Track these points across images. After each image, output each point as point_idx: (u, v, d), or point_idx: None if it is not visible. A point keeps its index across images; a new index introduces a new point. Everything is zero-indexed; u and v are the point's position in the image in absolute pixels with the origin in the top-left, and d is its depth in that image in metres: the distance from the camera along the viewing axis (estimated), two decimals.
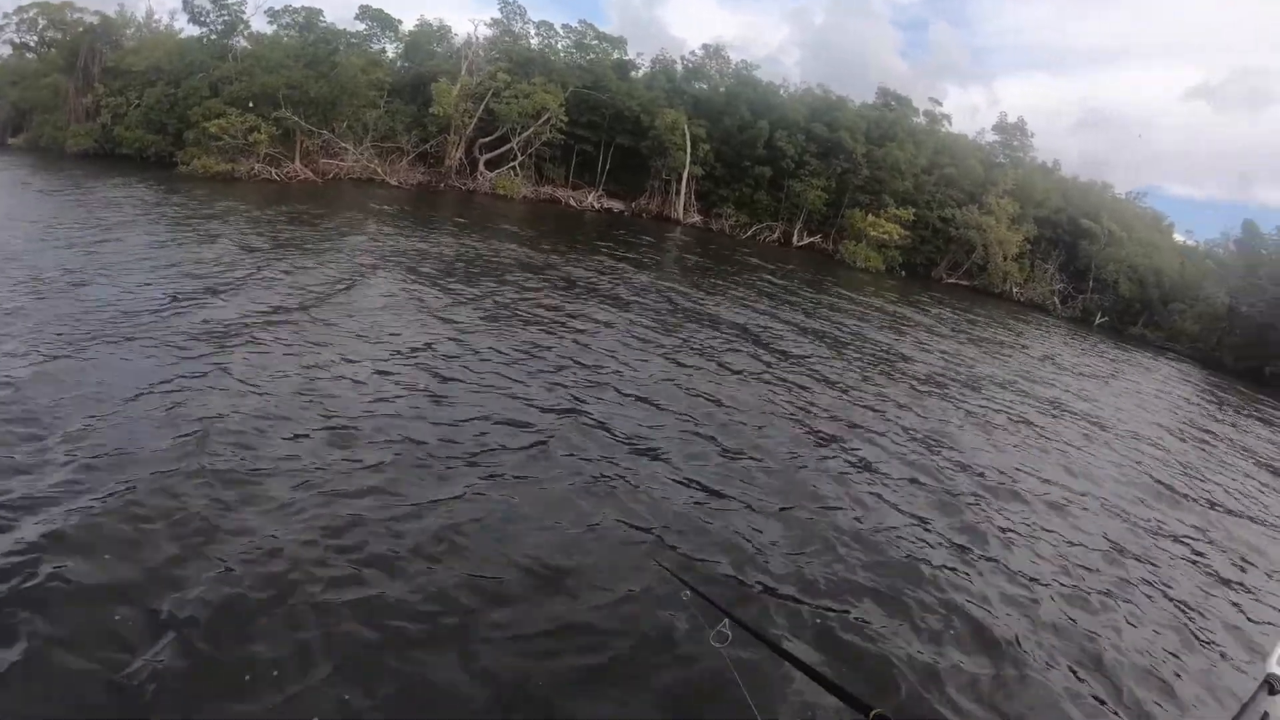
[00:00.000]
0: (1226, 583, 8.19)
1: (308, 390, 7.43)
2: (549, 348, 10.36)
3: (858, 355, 14.77)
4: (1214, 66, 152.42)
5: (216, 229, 15.48)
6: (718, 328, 14.15)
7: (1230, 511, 11.14)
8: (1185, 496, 11.23)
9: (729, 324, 14.71)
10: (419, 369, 8.60)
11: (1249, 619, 7.33)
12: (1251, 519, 11.08)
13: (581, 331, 11.65)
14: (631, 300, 14.88)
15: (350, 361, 8.45)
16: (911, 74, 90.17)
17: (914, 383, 13.53)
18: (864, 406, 11.06)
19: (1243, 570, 8.70)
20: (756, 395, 10.29)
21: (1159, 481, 11.62)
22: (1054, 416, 14.30)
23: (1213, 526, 10.03)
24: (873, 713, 1.64)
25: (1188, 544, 8.97)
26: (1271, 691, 1.44)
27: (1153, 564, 8.05)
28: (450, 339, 10.02)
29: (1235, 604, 7.65)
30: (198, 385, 7.10)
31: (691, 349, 12.10)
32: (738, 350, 12.64)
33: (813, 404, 10.55)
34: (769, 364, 12.17)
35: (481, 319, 11.29)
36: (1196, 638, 6.69)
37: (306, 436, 6.38)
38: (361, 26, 32.89)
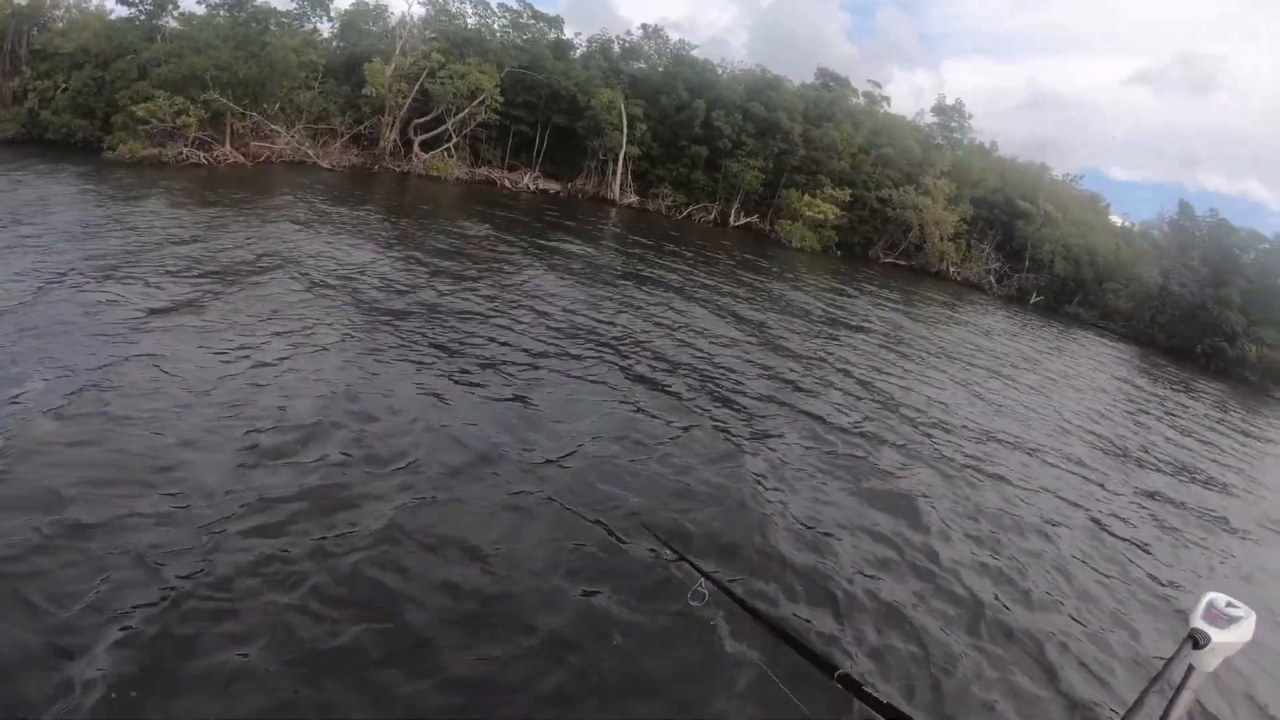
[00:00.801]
0: (1156, 542, 9.58)
1: (215, 386, 7.56)
2: (485, 337, 11.08)
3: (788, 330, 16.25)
4: (1156, 53, 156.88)
5: (129, 215, 16.14)
6: (645, 307, 15.39)
7: (1160, 474, 13.08)
8: (1119, 460, 13.16)
9: (657, 303, 15.93)
10: (341, 362, 8.85)
11: (1177, 576, 8.57)
12: (1180, 482, 12.96)
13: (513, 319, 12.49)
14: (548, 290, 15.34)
15: (264, 358, 8.51)
16: (859, 57, 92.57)
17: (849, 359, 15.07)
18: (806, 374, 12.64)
19: (1171, 530, 10.23)
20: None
21: (1097, 448, 13.52)
22: (991, 388, 16.24)
23: (1144, 491, 11.75)
24: (838, 673, 1.69)
25: (1118, 508, 10.47)
26: (1196, 646, 1.50)
27: (1091, 527, 9.37)
28: (366, 331, 10.21)
29: (1168, 562, 8.99)
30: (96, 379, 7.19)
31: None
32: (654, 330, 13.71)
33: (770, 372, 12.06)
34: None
35: (389, 312, 11.48)
36: (1131, 596, 7.66)
37: (214, 436, 6.52)
38: (293, 5, 33.33)
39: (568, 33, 39.38)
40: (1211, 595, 1.58)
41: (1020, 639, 6.20)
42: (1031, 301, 43.44)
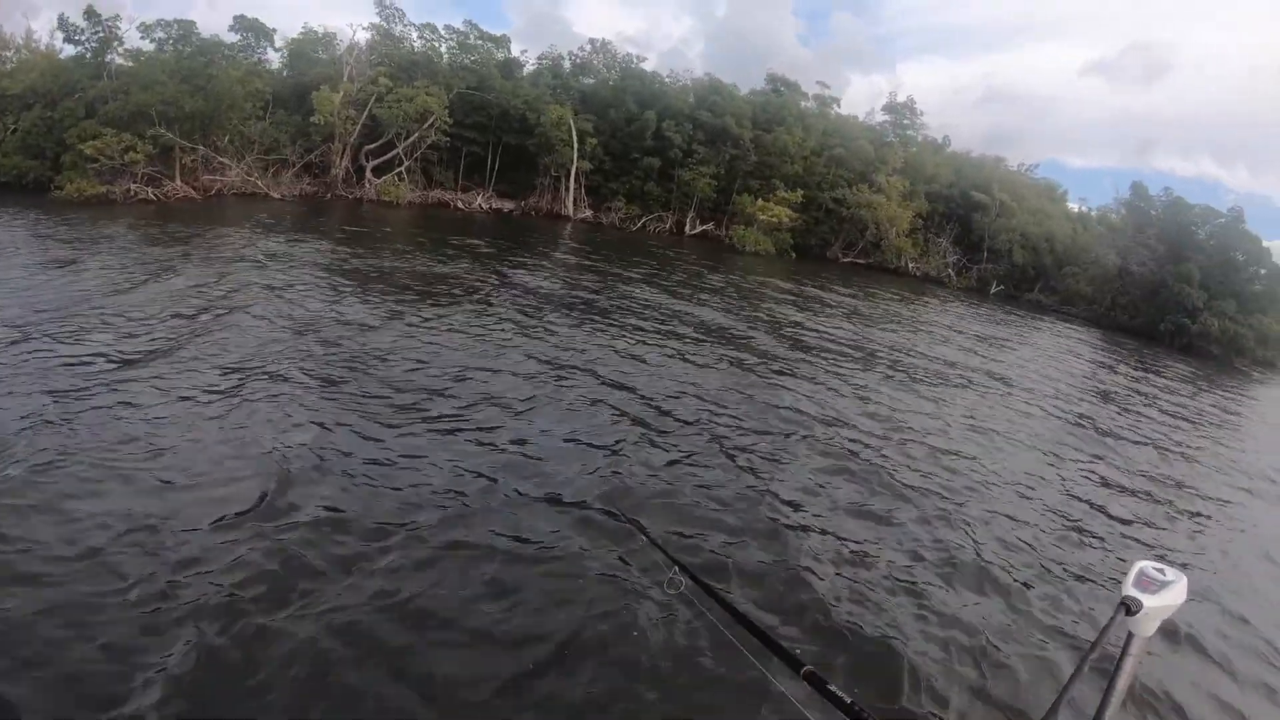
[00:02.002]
0: (1122, 514, 10.41)
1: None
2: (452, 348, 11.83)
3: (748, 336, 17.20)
4: (1108, 43, 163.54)
5: (69, 260, 16.00)
6: (596, 317, 16.12)
7: (1124, 448, 14.28)
8: (1082, 437, 14.45)
9: (601, 315, 16.56)
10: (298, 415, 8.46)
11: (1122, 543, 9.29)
12: (1142, 454, 14.21)
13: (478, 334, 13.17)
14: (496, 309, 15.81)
15: (220, 411, 8.28)
16: (814, 62, 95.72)
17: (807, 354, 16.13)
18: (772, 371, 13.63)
19: (1135, 501, 11.18)
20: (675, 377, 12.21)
21: (1065, 424, 14.98)
22: (958, 374, 17.68)
23: (1106, 464, 12.82)
24: (804, 669, 1.74)
25: (1080, 483, 11.39)
26: (1129, 613, 1.55)
27: (1049, 498, 10.26)
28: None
29: (1114, 532, 9.72)
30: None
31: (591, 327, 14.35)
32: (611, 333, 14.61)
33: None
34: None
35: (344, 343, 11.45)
36: (1073, 560, 8.28)
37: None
38: (238, 38, 34.48)
39: (515, 51, 40.77)
40: (1142, 563, 1.63)
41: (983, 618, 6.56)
42: (992, 291, 44.91)
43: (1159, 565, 1.62)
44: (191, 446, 7.20)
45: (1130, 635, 1.63)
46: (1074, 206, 52.44)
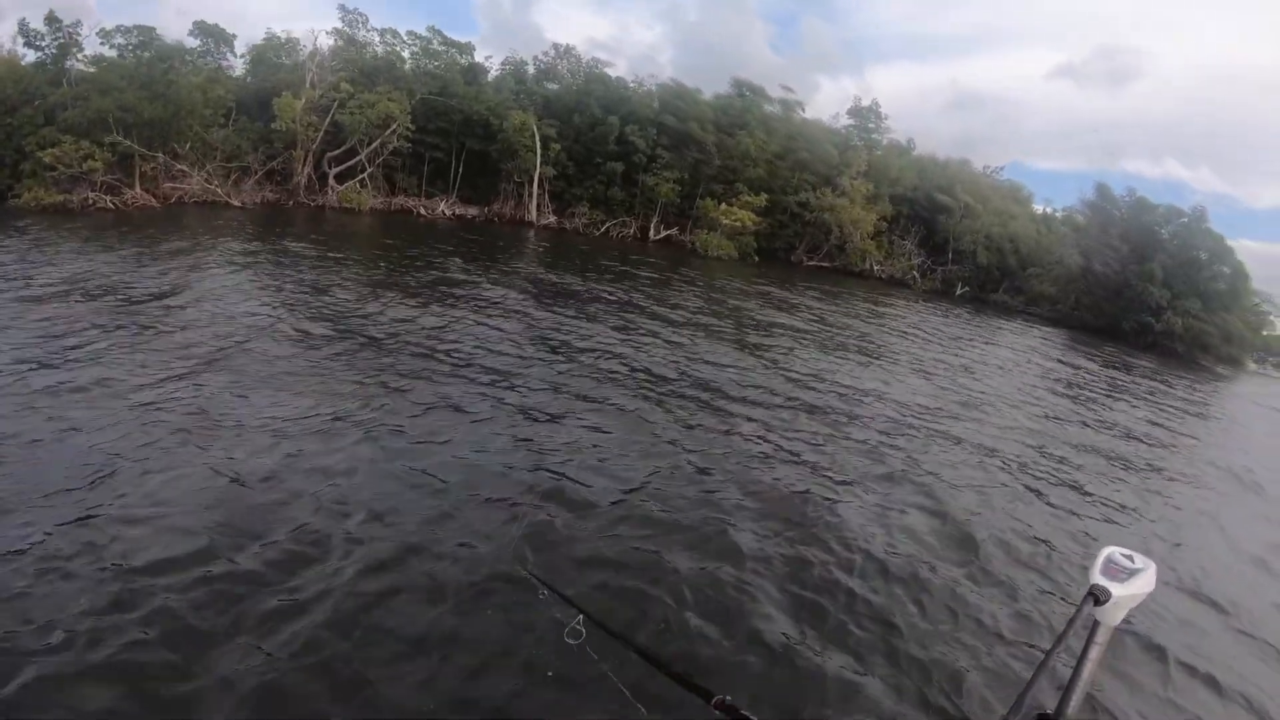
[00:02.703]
0: (1084, 503, 11.02)
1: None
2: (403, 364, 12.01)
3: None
4: (1075, 47, 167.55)
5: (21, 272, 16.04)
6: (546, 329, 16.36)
7: (1088, 442, 15.12)
8: (1046, 427, 15.62)
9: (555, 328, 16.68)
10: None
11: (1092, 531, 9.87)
12: (1109, 448, 15.11)
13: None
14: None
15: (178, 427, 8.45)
16: (785, 67, 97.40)
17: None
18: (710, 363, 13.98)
19: (1102, 489, 11.94)
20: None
21: (1026, 419, 15.94)
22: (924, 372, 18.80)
23: (1069, 457, 13.65)
24: (715, 699, 1.75)
25: (1042, 474, 12.05)
26: (1097, 602, 1.54)
27: (1017, 490, 10.84)
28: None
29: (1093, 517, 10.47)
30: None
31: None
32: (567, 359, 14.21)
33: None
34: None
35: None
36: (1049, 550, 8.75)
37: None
38: (198, 43, 34.92)
39: (479, 57, 41.35)
40: (1109, 550, 1.62)
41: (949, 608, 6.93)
42: (958, 293, 45.77)
43: (1127, 552, 1.61)
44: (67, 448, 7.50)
45: (1096, 624, 1.61)
46: (1040, 208, 53.44)
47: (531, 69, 42.61)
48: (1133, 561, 1.59)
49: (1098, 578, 1.55)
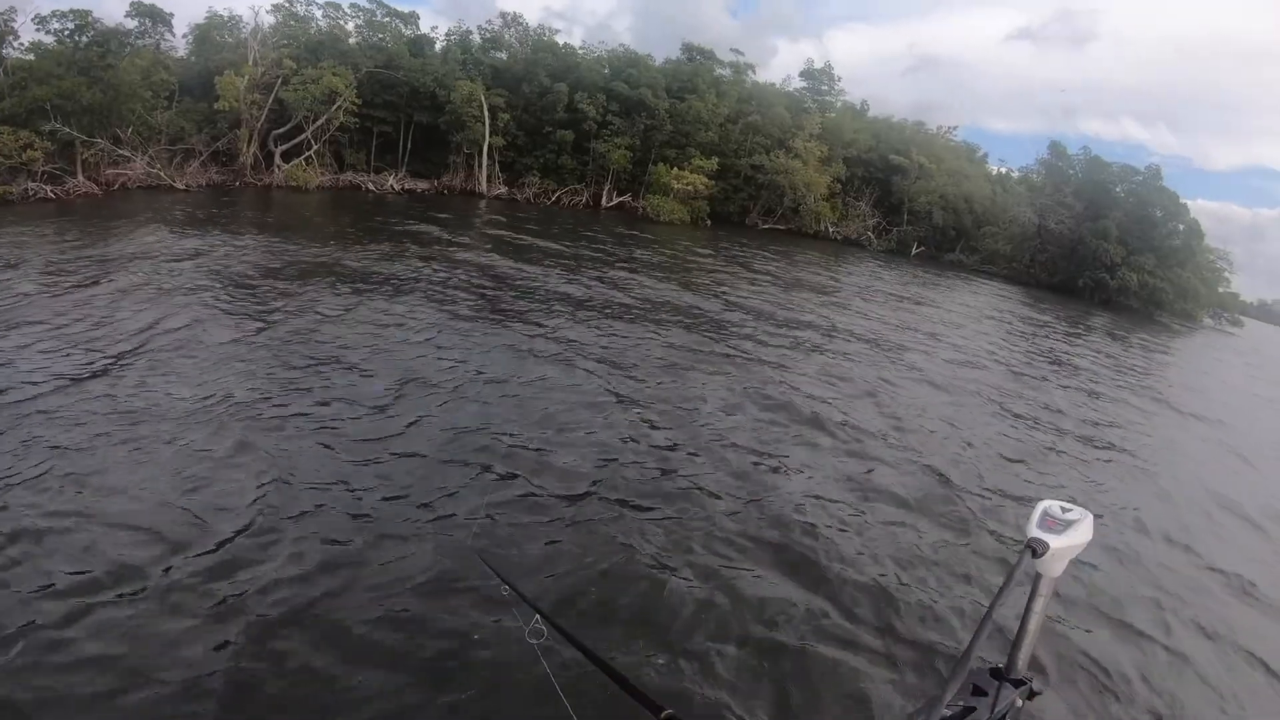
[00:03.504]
0: (1031, 456, 11.50)
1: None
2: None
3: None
4: (1035, 9, 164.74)
5: None
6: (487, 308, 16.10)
7: (1041, 397, 16.01)
8: (997, 380, 16.52)
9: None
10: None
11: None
12: (1061, 401, 16.05)
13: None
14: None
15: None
16: (742, 32, 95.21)
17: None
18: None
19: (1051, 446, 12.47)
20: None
21: (975, 374, 16.81)
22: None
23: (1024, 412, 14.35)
24: (663, 713, 1.76)
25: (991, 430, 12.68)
26: (1034, 555, 1.55)
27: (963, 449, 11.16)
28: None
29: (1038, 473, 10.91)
30: None
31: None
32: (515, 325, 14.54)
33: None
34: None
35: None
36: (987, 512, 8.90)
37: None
38: (135, 24, 34.77)
39: (425, 27, 41.13)
40: (1045, 503, 1.63)
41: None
42: (913, 252, 46.43)
43: (1064, 504, 1.62)
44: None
45: (1039, 576, 1.63)
46: (995, 168, 53.76)
47: (477, 38, 42.41)
48: (1069, 513, 1.60)
49: (1035, 531, 1.57)
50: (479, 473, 7.94)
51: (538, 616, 2.85)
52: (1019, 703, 1.69)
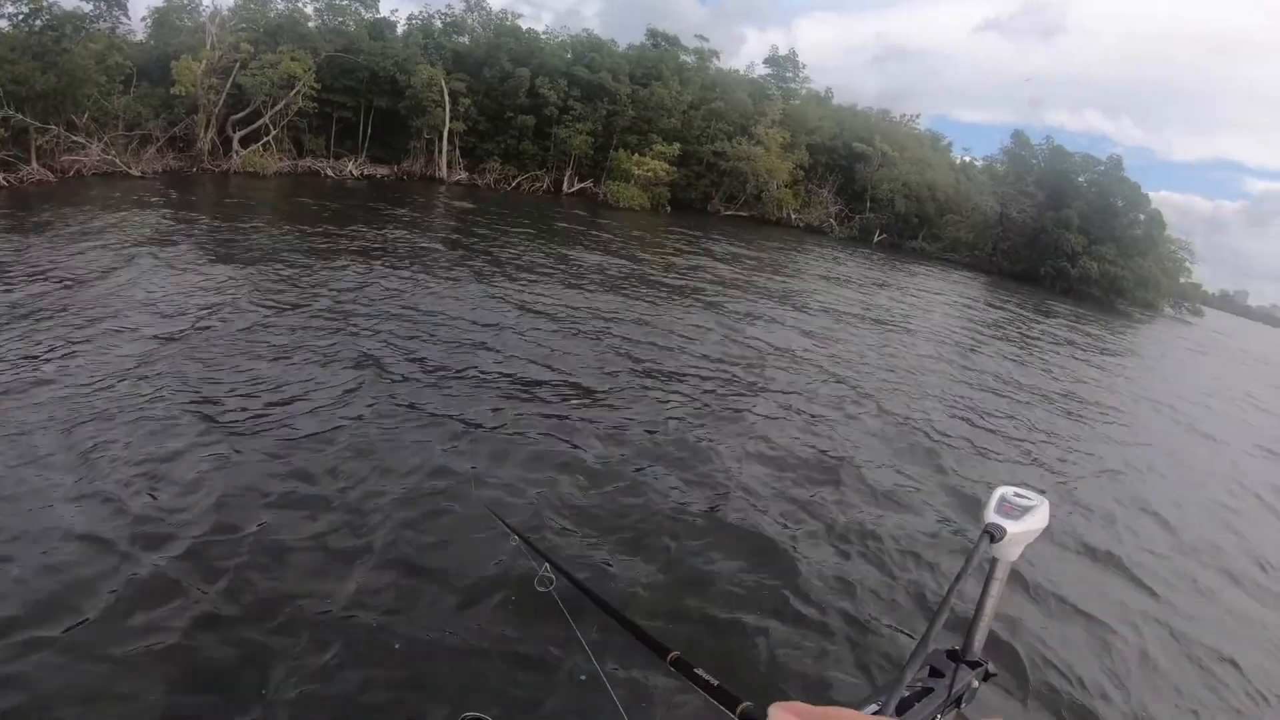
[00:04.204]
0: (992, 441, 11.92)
1: None
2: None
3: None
4: (1003, 1, 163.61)
5: None
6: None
7: (999, 384, 16.52)
8: (956, 368, 16.97)
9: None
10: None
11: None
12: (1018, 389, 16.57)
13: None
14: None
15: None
16: (711, 19, 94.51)
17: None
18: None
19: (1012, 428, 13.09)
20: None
21: (935, 361, 17.26)
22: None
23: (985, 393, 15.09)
24: (670, 656, 1.76)
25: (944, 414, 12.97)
26: (992, 540, 1.53)
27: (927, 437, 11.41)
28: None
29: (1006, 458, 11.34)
30: None
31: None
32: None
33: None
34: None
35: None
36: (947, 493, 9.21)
37: None
38: (90, 7, 34.65)
39: (384, 10, 41.00)
40: (1002, 489, 1.63)
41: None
42: (875, 240, 46.89)
43: (1020, 490, 1.63)
44: None
45: (995, 560, 1.66)
46: (959, 157, 54.10)
47: (439, 22, 42.31)
48: (1026, 499, 1.61)
49: (992, 516, 1.58)
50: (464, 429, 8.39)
51: (546, 565, 2.90)
52: (975, 684, 1.72)
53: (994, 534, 1.54)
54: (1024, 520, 1.57)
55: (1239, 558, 9.54)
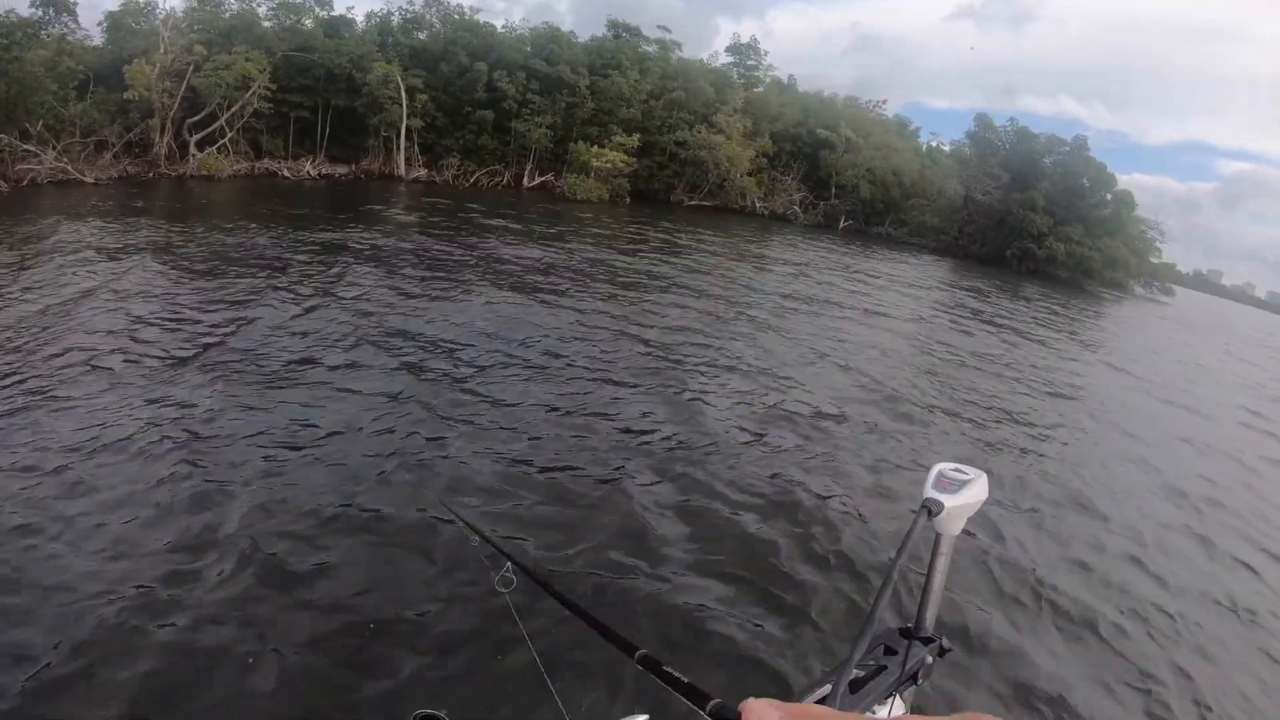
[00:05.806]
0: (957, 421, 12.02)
1: None
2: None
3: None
4: None
5: None
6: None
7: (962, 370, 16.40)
8: (917, 349, 17.37)
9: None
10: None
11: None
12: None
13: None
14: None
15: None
16: (685, 11, 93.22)
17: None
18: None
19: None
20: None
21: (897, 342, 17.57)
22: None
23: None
24: (638, 654, 1.70)
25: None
26: (930, 515, 1.57)
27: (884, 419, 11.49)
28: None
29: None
30: None
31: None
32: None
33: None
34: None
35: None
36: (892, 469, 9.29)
37: None
38: (36, 12, 34.46)
39: (340, 8, 40.71)
40: (940, 465, 1.66)
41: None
42: (841, 226, 46.86)
43: (957, 466, 1.65)
44: None
45: (939, 535, 1.68)
46: (926, 142, 53.79)
47: (396, 19, 42.01)
48: (963, 473, 1.63)
49: (930, 492, 1.59)
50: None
51: (509, 565, 2.83)
52: (929, 659, 1.73)
53: (932, 509, 1.57)
54: (961, 494, 1.60)
55: (1197, 521, 9.72)
